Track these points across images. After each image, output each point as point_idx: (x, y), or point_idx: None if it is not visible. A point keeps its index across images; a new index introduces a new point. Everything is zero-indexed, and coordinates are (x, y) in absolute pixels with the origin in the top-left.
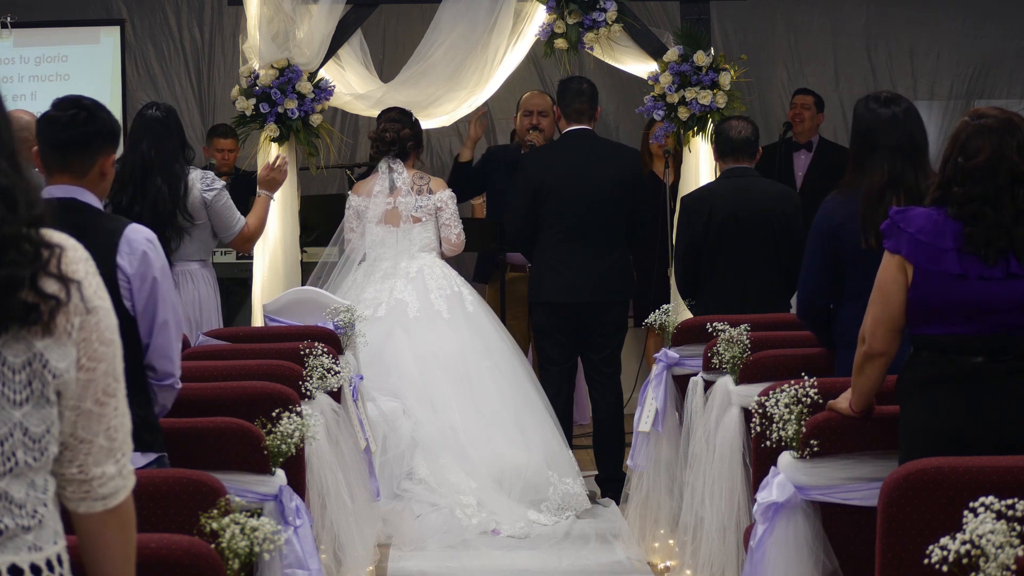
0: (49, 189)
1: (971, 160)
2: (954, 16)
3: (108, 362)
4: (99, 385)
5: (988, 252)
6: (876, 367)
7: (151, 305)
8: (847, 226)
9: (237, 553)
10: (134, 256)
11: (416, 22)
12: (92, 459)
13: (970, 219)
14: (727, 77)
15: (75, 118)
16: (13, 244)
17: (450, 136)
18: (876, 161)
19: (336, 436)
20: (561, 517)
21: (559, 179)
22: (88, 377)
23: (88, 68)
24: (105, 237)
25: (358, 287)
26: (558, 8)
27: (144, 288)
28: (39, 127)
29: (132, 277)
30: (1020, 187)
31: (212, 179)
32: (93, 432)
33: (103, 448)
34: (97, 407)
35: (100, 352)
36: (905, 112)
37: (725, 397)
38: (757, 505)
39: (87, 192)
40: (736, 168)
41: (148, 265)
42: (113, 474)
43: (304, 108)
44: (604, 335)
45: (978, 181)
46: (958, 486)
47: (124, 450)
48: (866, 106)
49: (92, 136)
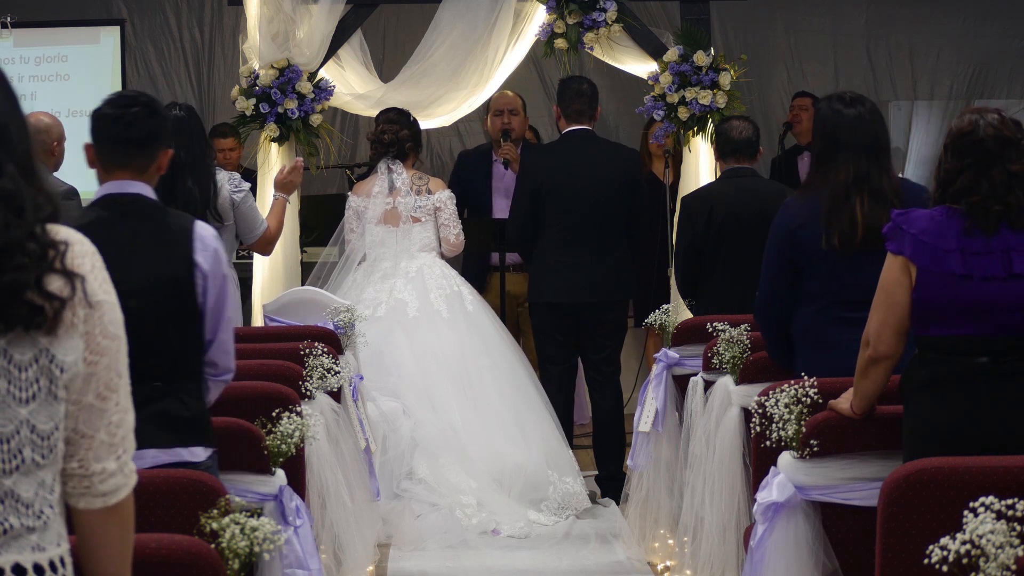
0: (109, 185)
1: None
2: (954, 16)
3: (111, 356)
4: (101, 379)
5: (988, 221)
6: (881, 370)
7: (220, 302)
8: (806, 227)
9: (237, 553)
10: (207, 252)
11: (416, 22)
12: (93, 454)
13: (964, 191)
14: (727, 77)
15: (137, 115)
16: (18, 248)
17: (450, 136)
18: (840, 161)
19: (336, 436)
20: (561, 517)
21: (559, 179)
22: (90, 371)
23: (88, 68)
24: (179, 234)
25: (358, 287)
26: (558, 8)
27: (216, 285)
28: (96, 124)
29: (208, 274)
30: (1008, 150)
31: (239, 180)
32: (94, 427)
33: (104, 443)
34: (99, 401)
35: (103, 346)
36: (869, 112)
37: (725, 397)
38: (757, 505)
39: (149, 188)
40: (737, 168)
41: (220, 262)
42: (114, 470)
43: (304, 108)
44: (604, 335)
45: (966, 151)
46: (958, 486)
47: (126, 446)
48: (829, 106)
49: (154, 132)
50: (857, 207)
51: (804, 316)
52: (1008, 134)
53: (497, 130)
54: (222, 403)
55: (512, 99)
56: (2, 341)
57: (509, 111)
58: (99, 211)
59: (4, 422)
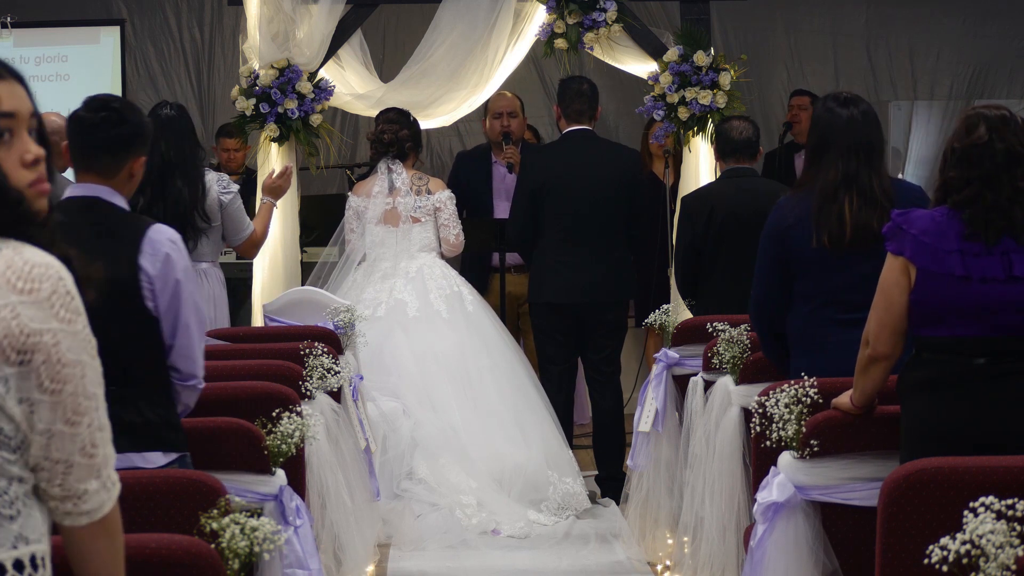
0: (74, 187)
1: (968, 138)
2: (954, 16)
3: (74, 383)
4: (68, 406)
5: (989, 233)
6: (880, 369)
7: (174, 306)
8: (797, 227)
9: (237, 553)
10: (156, 257)
11: (416, 22)
12: (73, 477)
13: (968, 202)
14: (727, 77)
15: (105, 120)
16: None
17: (450, 136)
18: (829, 160)
19: (336, 436)
20: (561, 517)
21: (559, 179)
22: (55, 400)
23: (88, 68)
24: (128, 238)
25: (358, 287)
26: (558, 8)
27: (167, 290)
28: (69, 126)
29: (154, 279)
30: (1017, 167)
31: (227, 182)
32: (68, 452)
33: (83, 466)
34: (69, 427)
35: (64, 374)
36: (863, 114)
37: (725, 397)
38: (757, 505)
39: (114, 192)
40: (737, 168)
41: (171, 267)
42: (97, 488)
43: (304, 108)
44: (604, 335)
45: (974, 163)
46: (958, 486)
47: (107, 462)
48: (824, 106)
49: (121, 138)
50: (845, 206)
51: (797, 317)
52: (1020, 149)
53: (497, 133)
54: (222, 403)
55: (511, 101)
56: None
57: (508, 113)
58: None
59: None
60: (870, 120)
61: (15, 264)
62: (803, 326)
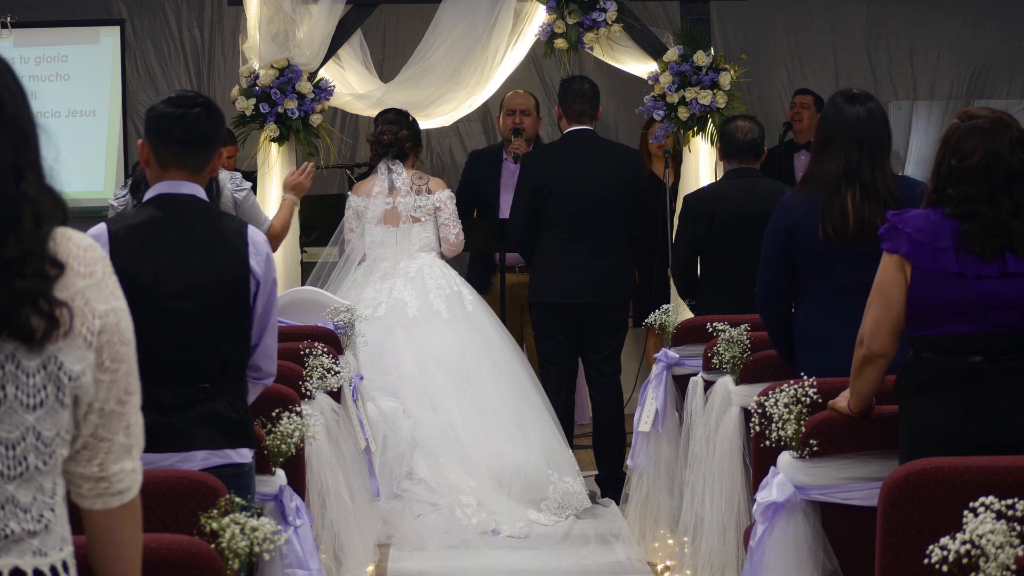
0: (162, 185)
1: (964, 161)
2: (954, 16)
3: (128, 362)
4: (121, 385)
5: (985, 249)
6: (875, 369)
7: (268, 307)
8: (803, 224)
9: (237, 553)
10: (260, 257)
11: (416, 22)
12: (112, 456)
13: (967, 217)
14: (727, 77)
15: (198, 116)
16: (39, 255)
17: (450, 136)
18: (832, 153)
19: (336, 436)
20: (561, 517)
21: (560, 179)
22: (111, 378)
23: (88, 68)
24: (234, 238)
25: (358, 287)
26: (558, 8)
27: (266, 290)
28: (155, 122)
29: (261, 279)
30: (1016, 184)
31: (240, 179)
32: (113, 431)
33: (123, 445)
34: (119, 406)
35: (121, 352)
36: (869, 111)
37: (725, 397)
38: (757, 505)
39: (200, 188)
40: (740, 168)
41: (271, 267)
42: (131, 469)
43: (304, 108)
44: (604, 335)
45: (973, 182)
46: (958, 486)
47: (139, 445)
48: (833, 102)
49: (213, 134)
50: (848, 199)
51: (802, 315)
52: (1019, 168)
53: (508, 129)
54: None
55: (524, 98)
56: (10, 346)
57: (521, 111)
58: (153, 211)
59: (10, 428)
60: (876, 117)
61: (72, 251)
62: (809, 323)
